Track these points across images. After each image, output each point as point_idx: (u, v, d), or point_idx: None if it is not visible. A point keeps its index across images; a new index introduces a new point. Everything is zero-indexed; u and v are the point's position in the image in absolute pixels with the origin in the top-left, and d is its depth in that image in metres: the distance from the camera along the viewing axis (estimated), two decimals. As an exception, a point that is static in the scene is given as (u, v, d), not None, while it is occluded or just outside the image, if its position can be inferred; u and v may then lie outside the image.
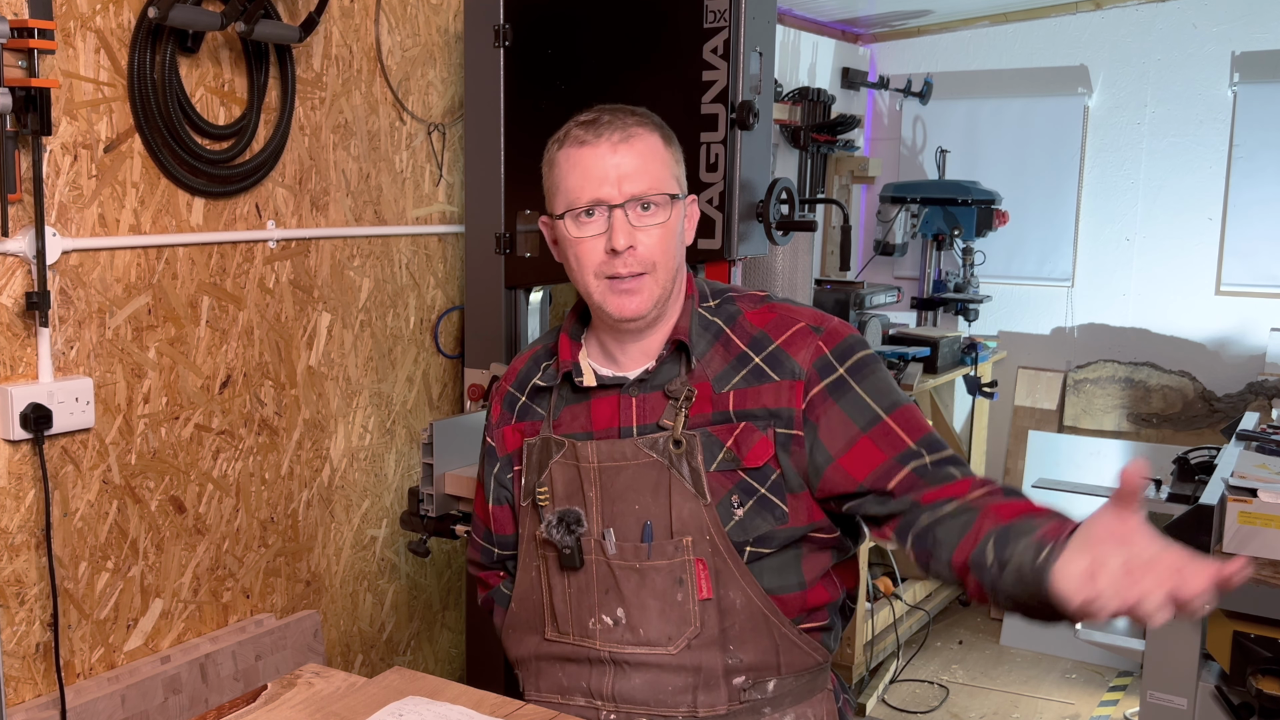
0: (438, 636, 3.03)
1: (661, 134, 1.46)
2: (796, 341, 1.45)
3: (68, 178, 2.02)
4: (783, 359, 1.44)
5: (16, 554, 2.00)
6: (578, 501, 1.47)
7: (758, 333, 1.48)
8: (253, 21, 2.16)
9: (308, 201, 2.49)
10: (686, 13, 2.21)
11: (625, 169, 1.40)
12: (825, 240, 4.44)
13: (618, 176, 1.40)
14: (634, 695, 1.44)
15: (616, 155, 1.41)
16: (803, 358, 1.44)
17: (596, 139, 1.41)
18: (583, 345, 1.55)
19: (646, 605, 1.43)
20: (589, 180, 1.41)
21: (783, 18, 3.99)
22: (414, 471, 2.87)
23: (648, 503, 1.44)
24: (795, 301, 1.55)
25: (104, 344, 2.11)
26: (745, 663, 1.43)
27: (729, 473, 1.42)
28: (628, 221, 1.40)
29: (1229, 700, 2.16)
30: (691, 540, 1.41)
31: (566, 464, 1.48)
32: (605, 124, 1.42)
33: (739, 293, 1.55)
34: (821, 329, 1.46)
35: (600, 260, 1.42)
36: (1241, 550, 2.05)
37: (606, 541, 1.45)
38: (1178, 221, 4.09)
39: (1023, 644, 4.02)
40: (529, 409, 1.57)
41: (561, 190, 1.44)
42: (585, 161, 1.41)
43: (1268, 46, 3.87)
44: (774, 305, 1.51)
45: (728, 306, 1.52)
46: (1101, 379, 4.24)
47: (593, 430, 1.49)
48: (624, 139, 1.41)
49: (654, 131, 1.45)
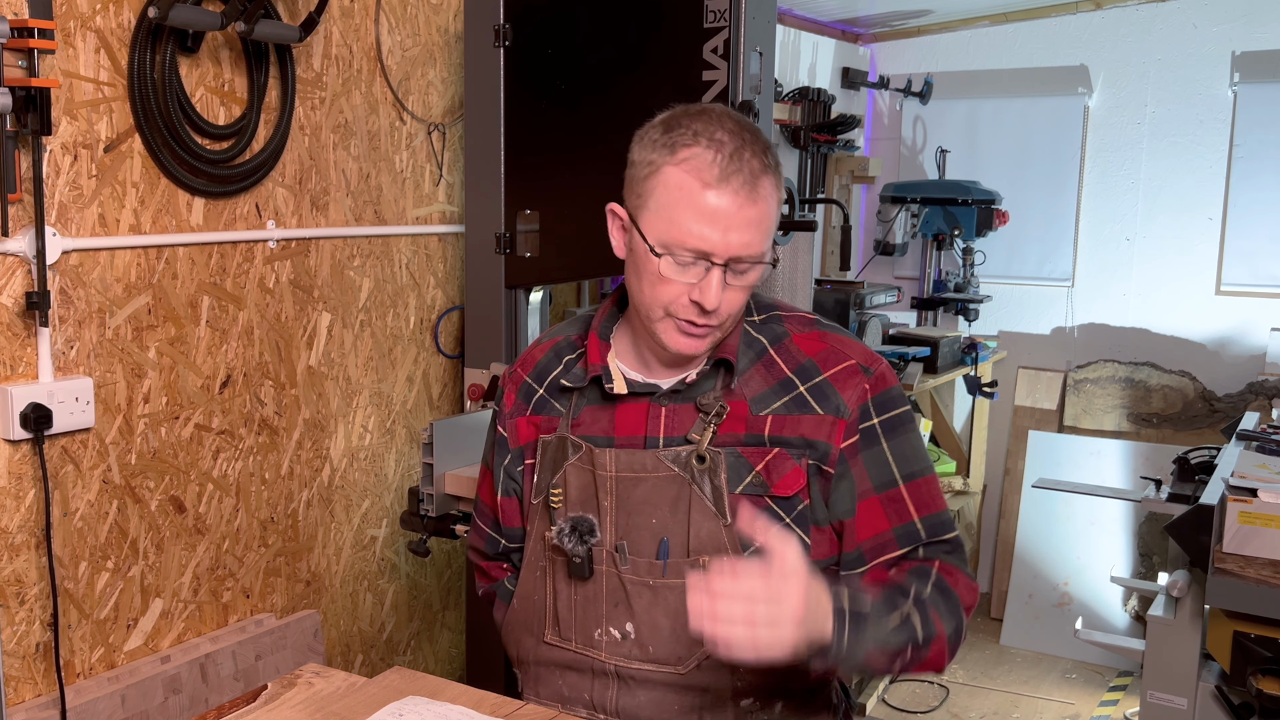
0: (438, 636, 3.03)
1: (775, 173, 1.33)
2: (845, 379, 1.40)
3: (68, 177, 2.02)
4: (829, 393, 1.39)
5: (16, 554, 2.00)
6: (591, 509, 1.43)
7: (806, 361, 1.42)
8: (253, 21, 2.16)
9: (308, 201, 2.49)
10: (686, 12, 2.21)
11: (745, 229, 1.29)
12: (825, 240, 4.44)
13: (736, 234, 1.29)
14: (638, 711, 1.42)
15: (741, 213, 1.29)
16: (849, 397, 1.39)
17: (724, 185, 1.28)
18: (611, 345, 1.48)
19: (658, 624, 1.40)
20: (706, 228, 1.29)
21: (783, 18, 3.99)
22: (414, 471, 2.87)
23: (665, 518, 1.39)
24: (844, 332, 1.48)
25: (104, 344, 2.11)
26: (753, 684, 1.40)
27: (755, 498, 1.37)
28: (725, 281, 1.32)
29: (1229, 700, 2.16)
30: (708, 561, 1.36)
31: (582, 468, 1.43)
32: (737, 168, 1.28)
33: (787, 311, 1.49)
34: (871, 371, 1.41)
35: (680, 304, 1.33)
36: (1242, 550, 2.05)
37: (620, 555, 1.40)
38: (1178, 221, 4.09)
39: (1023, 644, 4.02)
40: (546, 403, 1.50)
41: (663, 219, 1.31)
42: (709, 208, 1.28)
43: (1268, 46, 3.87)
44: (825, 334, 1.45)
45: (774, 325, 1.46)
46: (1102, 379, 4.24)
47: (614, 436, 1.43)
48: (752, 194, 1.29)
49: (775, 176, 1.32)
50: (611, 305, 1.52)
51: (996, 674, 3.78)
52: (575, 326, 1.55)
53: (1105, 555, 4.00)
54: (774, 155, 1.35)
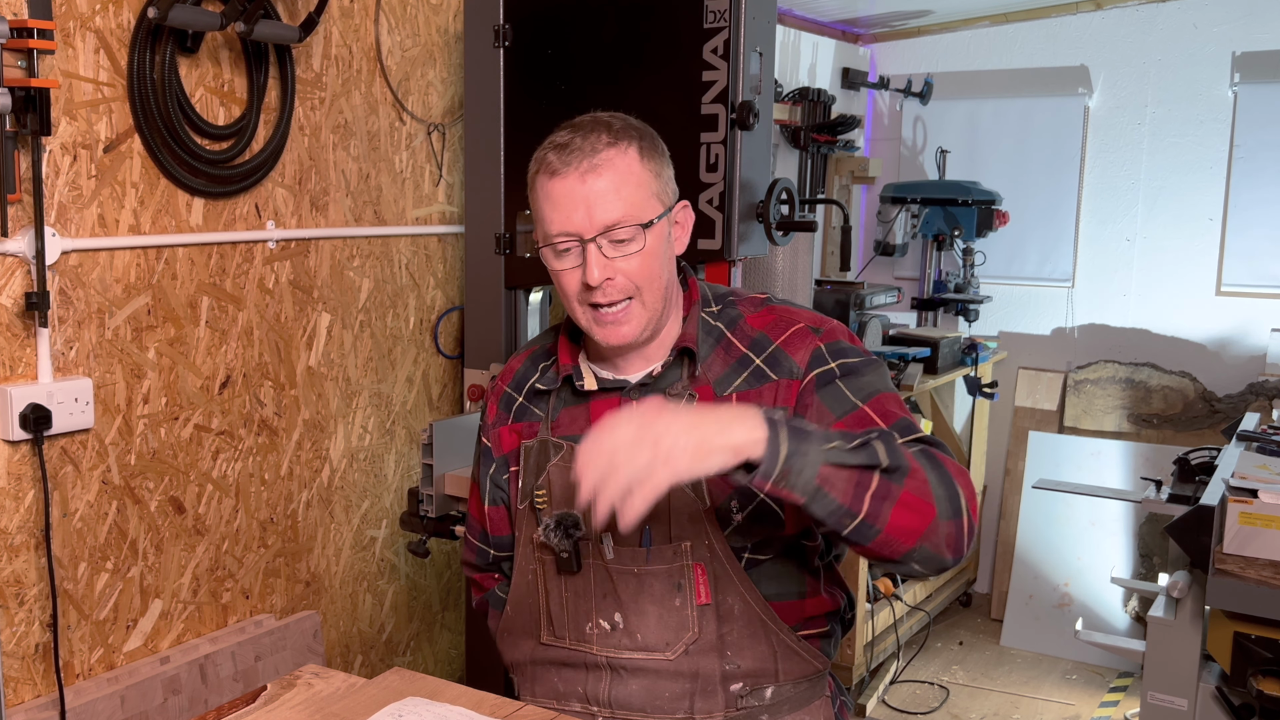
0: (437, 637, 3.03)
1: (640, 147, 1.39)
2: (795, 341, 1.44)
3: (67, 178, 2.02)
4: (782, 359, 1.43)
5: (16, 554, 2.00)
6: (575, 505, 1.46)
7: (758, 335, 1.46)
8: (252, 21, 2.16)
9: (307, 202, 2.49)
10: (686, 13, 2.21)
11: (595, 200, 1.35)
12: (825, 240, 4.44)
13: (587, 209, 1.36)
14: (630, 701, 1.44)
15: (585, 185, 1.35)
16: (800, 357, 1.43)
17: (565, 168, 1.36)
18: (581, 348, 1.53)
19: (645, 610, 1.43)
20: (558, 213, 1.37)
21: (783, 18, 3.99)
22: (414, 472, 2.87)
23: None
24: (795, 303, 1.54)
25: (103, 344, 2.10)
26: (743, 669, 1.42)
27: (728, 478, 1.40)
28: (601, 254, 1.37)
29: (1229, 701, 2.16)
30: (690, 545, 1.41)
31: (565, 467, 1.47)
32: (575, 150, 1.36)
33: (740, 296, 1.54)
34: (820, 329, 1.45)
35: (581, 290, 1.40)
36: (1242, 551, 2.05)
37: (604, 545, 1.44)
38: (1178, 222, 4.08)
39: (1023, 645, 4.02)
40: (526, 410, 1.55)
41: (539, 220, 1.41)
42: (555, 193, 1.37)
43: (1268, 46, 3.87)
44: (774, 307, 1.50)
45: (729, 310, 1.51)
46: (1102, 379, 4.24)
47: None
48: (591, 168, 1.36)
49: (629, 148, 1.38)
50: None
51: (997, 675, 3.78)
52: (549, 336, 1.61)
53: (1105, 556, 4.00)
54: (633, 130, 1.40)
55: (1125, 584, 3.31)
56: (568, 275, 1.40)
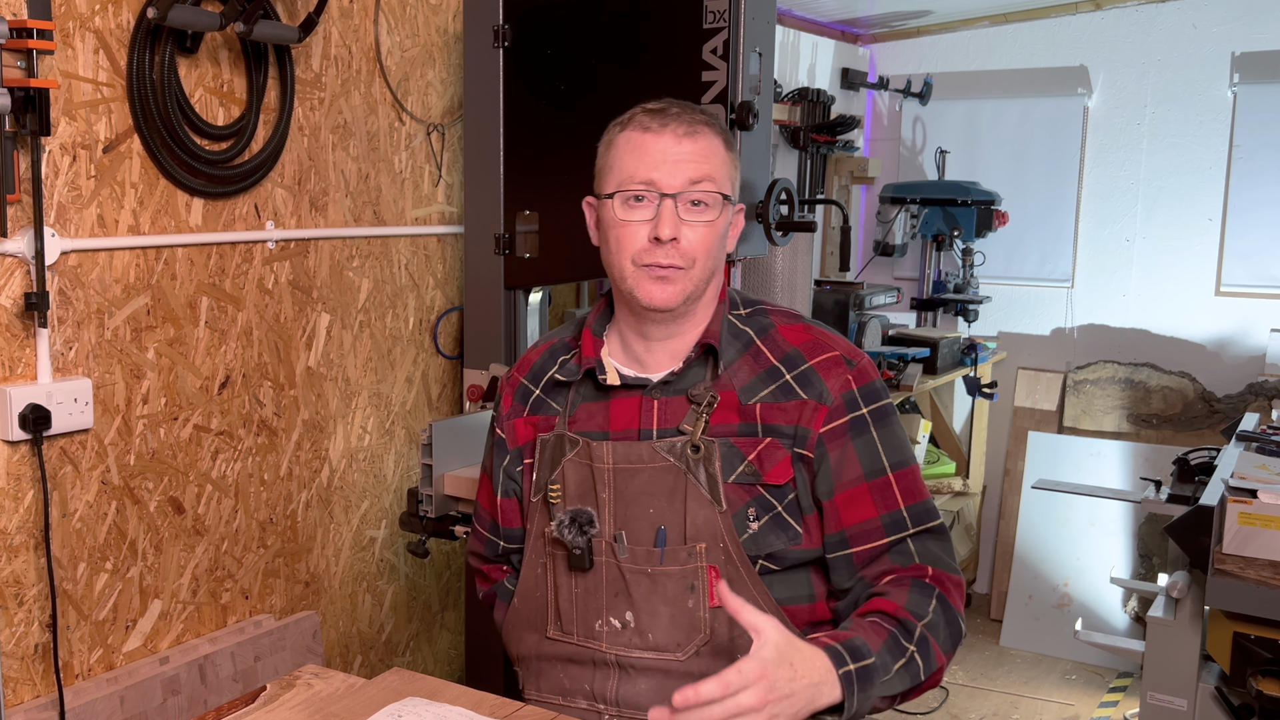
0: (437, 637, 3.03)
1: (725, 139, 1.45)
2: (829, 367, 1.45)
3: (66, 178, 2.02)
4: (814, 380, 1.44)
5: (15, 555, 2.00)
6: (590, 502, 1.46)
7: (791, 350, 1.47)
8: (252, 22, 2.16)
9: (307, 202, 2.49)
10: (686, 13, 2.21)
11: (686, 159, 1.40)
12: (825, 241, 4.44)
13: (675, 164, 1.39)
14: (638, 700, 1.43)
15: (679, 145, 1.40)
16: (833, 385, 1.43)
17: (662, 128, 1.41)
18: (605, 343, 1.53)
19: (657, 611, 1.42)
20: (644, 162, 1.40)
21: (782, 18, 3.99)
22: (413, 472, 2.87)
23: (662, 507, 1.42)
24: (829, 328, 1.55)
25: (103, 345, 2.10)
26: None
27: (748, 486, 1.41)
28: (677, 213, 1.39)
29: (1229, 701, 2.16)
30: (705, 547, 1.40)
31: (580, 463, 1.46)
32: (673, 115, 1.41)
33: (772, 307, 1.54)
34: (855, 364, 1.46)
35: (641, 247, 1.41)
36: (1242, 551, 2.05)
37: (618, 544, 1.43)
38: (1178, 222, 4.09)
39: (1023, 645, 4.02)
40: (543, 403, 1.55)
41: (615, 170, 1.43)
42: (647, 145, 1.40)
43: (1268, 47, 3.87)
44: (810, 326, 1.51)
45: (760, 318, 1.51)
46: (1101, 380, 4.24)
47: (609, 430, 1.47)
48: (689, 133, 1.41)
49: (719, 134, 1.44)
50: (604, 305, 1.56)
51: (996, 675, 3.78)
52: (569, 329, 1.60)
53: (1105, 556, 4.00)
54: (724, 125, 1.47)
55: (1125, 584, 3.31)
56: (632, 229, 1.41)
